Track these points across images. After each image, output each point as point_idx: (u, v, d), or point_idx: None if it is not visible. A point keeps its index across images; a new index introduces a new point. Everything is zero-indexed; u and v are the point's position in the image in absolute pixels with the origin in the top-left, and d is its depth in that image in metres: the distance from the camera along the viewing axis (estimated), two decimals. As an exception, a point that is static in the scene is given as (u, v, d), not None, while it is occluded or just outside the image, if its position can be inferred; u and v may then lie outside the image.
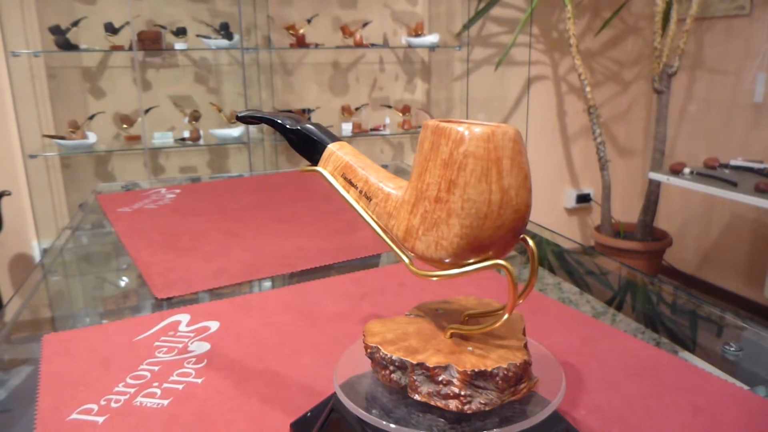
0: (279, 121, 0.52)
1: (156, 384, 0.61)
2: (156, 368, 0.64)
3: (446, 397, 0.41)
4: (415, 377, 0.42)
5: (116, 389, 0.60)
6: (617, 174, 3.33)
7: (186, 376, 0.62)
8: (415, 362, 0.42)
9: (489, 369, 0.40)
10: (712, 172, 2.20)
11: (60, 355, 0.67)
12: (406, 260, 0.46)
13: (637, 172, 3.34)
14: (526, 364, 0.42)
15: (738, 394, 0.56)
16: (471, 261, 0.42)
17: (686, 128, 2.97)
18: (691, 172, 2.22)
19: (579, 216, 3.46)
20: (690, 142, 2.96)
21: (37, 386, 0.61)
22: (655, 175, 2.32)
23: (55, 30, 2.27)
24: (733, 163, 2.28)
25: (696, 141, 2.93)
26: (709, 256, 2.94)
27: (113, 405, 0.57)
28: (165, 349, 0.68)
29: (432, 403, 0.41)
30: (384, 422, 0.42)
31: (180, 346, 0.69)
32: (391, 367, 0.43)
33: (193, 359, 0.66)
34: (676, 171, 2.24)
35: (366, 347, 0.46)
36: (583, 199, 3.38)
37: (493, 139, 0.40)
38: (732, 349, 0.64)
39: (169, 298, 0.83)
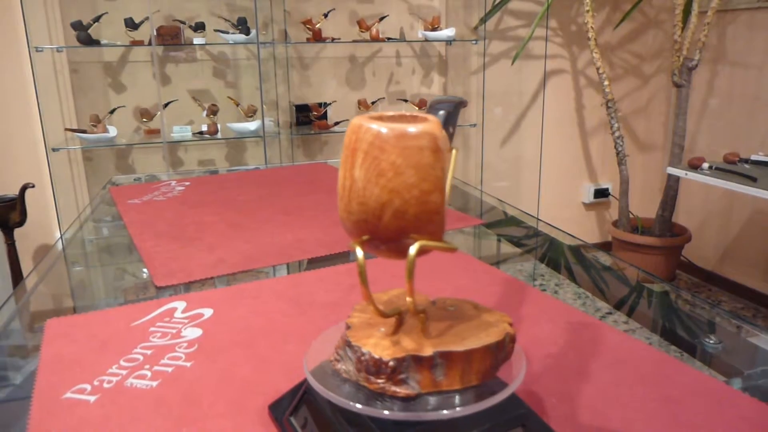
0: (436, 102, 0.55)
1: (147, 366, 0.63)
2: (149, 352, 0.67)
3: (335, 348, 0.48)
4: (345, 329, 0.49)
5: (109, 371, 0.63)
6: (636, 169, 3.29)
7: (176, 359, 0.65)
8: (347, 319, 0.49)
9: (352, 342, 0.45)
10: (731, 167, 2.16)
11: (61, 338, 0.71)
12: None
13: (656, 166, 3.30)
14: (381, 363, 0.43)
15: (710, 385, 0.56)
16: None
17: (707, 123, 2.92)
18: (710, 167, 2.18)
19: (597, 211, 3.43)
20: (710, 136, 2.91)
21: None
22: (673, 170, 2.29)
23: (77, 26, 2.33)
24: (753, 158, 2.24)
25: (716, 136, 2.88)
26: (728, 252, 2.89)
27: (105, 385, 0.60)
28: (159, 334, 0.71)
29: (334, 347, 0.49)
30: (351, 403, 0.44)
31: (174, 331, 0.71)
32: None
33: (185, 344, 0.68)
34: (695, 166, 2.20)
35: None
36: (601, 193, 3.35)
37: (357, 131, 0.42)
38: (711, 341, 0.64)
39: (168, 287, 0.86)
